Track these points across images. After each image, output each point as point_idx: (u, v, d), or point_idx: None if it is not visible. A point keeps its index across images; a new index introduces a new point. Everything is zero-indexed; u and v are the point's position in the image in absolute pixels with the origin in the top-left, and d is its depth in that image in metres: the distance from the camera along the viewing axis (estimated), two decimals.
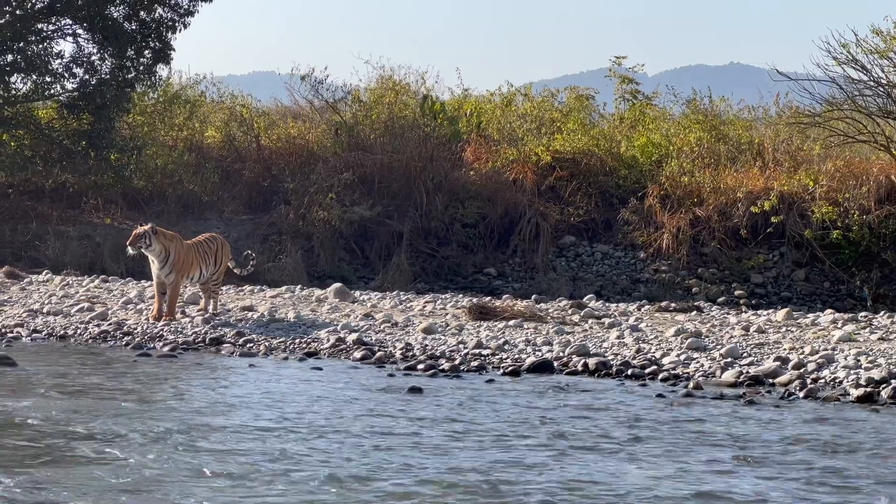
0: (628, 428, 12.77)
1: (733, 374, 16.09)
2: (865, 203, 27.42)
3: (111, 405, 13.43)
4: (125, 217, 31.68)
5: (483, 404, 14.09)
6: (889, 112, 29.82)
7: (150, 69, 31.34)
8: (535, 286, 27.97)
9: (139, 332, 19.67)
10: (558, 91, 34.74)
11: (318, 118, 34.22)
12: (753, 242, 28.37)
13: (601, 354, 17.68)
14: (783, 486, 10.40)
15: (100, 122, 30.80)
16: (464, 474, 10.47)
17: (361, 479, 10.22)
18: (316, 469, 10.51)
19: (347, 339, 18.81)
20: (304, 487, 9.93)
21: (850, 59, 29.33)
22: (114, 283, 26.14)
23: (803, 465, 11.20)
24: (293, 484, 10.02)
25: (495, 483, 10.18)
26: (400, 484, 10.10)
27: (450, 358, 17.48)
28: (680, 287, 27.85)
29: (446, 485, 10.10)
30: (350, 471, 10.47)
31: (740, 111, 33.15)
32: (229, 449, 11.21)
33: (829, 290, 27.50)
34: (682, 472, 10.78)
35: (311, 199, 30.38)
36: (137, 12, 31.21)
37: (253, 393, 14.66)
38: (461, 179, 30.91)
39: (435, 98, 33.47)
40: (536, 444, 11.85)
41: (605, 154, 31.30)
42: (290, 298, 23.98)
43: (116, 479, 9.95)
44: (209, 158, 33.50)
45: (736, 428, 12.87)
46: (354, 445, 11.55)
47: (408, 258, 29.47)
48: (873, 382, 15.21)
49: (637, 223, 29.34)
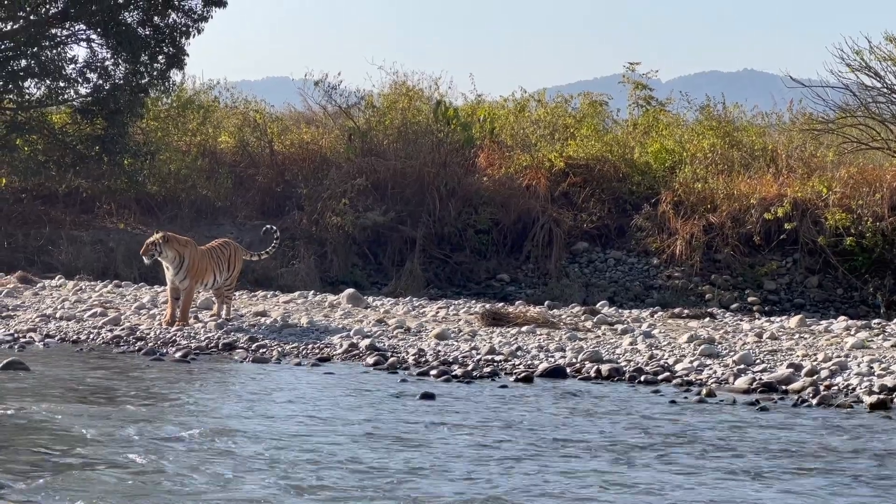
0: (641, 434, 12.76)
1: (746, 381, 16.06)
2: (879, 210, 27.38)
3: (124, 410, 13.44)
4: (138, 222, 31.76)
5: (495, 410, 14.08)
6: None
7: (164, 74, 31.42)
8: (548, 292, 27.97)
9: (152, 338, 19.69)
10: (572, 97, 34.74)
11: (331, 124, 34.25)
12: (767, 249, 28.35)
13: (614, 361, 17.66)
14: (796, 493, 10.38)
15: (113, 127, 30.87)
16: (475, 480, 10.47)
17: (372, 486, 10.22)
18: (330, 473, 10.51)
19: (360, 345, 18.81)
20: (320, 491, 9.93)
21: (863, 65, 29.36)
22: (127, 288, 26.18)
23: (816, 472, 11.18)
24: (307, 488, 10.02)
25: (507, 488, 10.17)
26: (411, 489, 10.09)
27: (462, 364, 17.47)
28: (693, 293, 27.83)
29: (456, 490, 10.10)
30: (362, 476, 10.47)
31: (754, 117, 33.16)
32: (241, 454, 11.21)
33: (842, 297, 27.47)
34: (695, 479, 10.76)
35: (325, 204, 30.42)
36: (151, 18, 31.30)
37: (265, 398, 14.66)
38: (474, 185, 30.93)
39: (448, 104, 33.49)
40: (547, 450, 11.84)
41: (618, 160, 31.31)
42: (302, 304, 23.99)
43: (130, 483, 9.96)
44: (222, 164, 33.55)
45: (749, 435, 12.84)
46: (366, 450, 11.54)
47: (421, 264, 29.48)
48: (886, 390, 15.18)
49: (650, 229, 29.33)
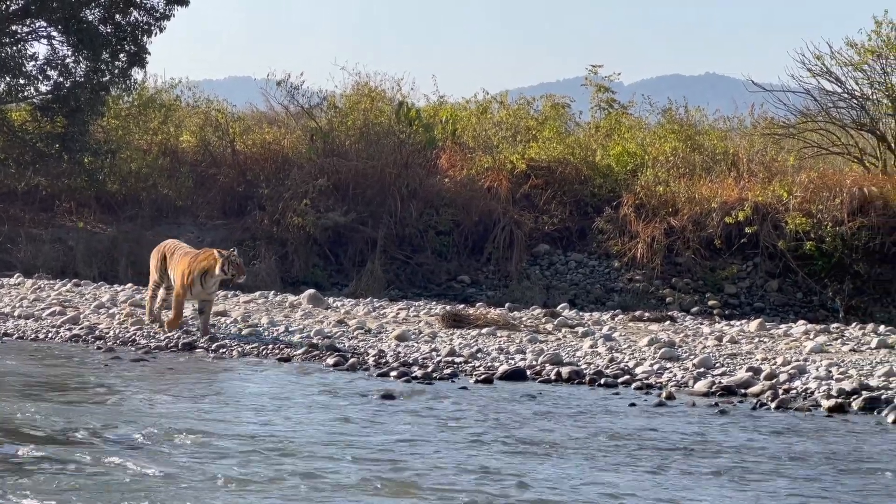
0: (600, 436, 12.77)
1: (706, 384, 16.11)
2: (838, 215, 27.50)
3: (79, 408, 13.38)
4: (98, 221, 31.58)
5: (454, 411, 14.08)
6: (862, 124, 30.00)
7: (125, 72, 31.28)
8: (509, 294, 27.97)
9: (111, 336, 19.60)
10: (534, 99, 34.72)
11: (293, 124, 34.16)
12: (727, 253, 28.42)
13: (574, 363, 17.68)
14: (753, 495, 10.42)
15: (73, 125, 30.72)
16: (430, 478, 10.45)
17: (329, 483, 10.20)
18: (283, 474, 10.48)
19: (320, 345, 18.78)
20: (273, 493, 9.90)
21: (824, 70, 29.54)
22: (86, 287, 26.02)
23: (775, 474, 11.22)
24: (259, 489, 9.99)
25: (462, 489, 10.17)
26: (365, 489, 10.08)
27: (423, 365, 17.45)
28: (654, 296, 27.88)
29: (412, 488, 10.09)
30: (318, 475, 10.45)
31: (716, 121, 33.23)
32: (197, 452, 11.17)
33: (801, 301, 27.57)
34: (655, 481, 10.78)
35: (286, 204, 30.34)
36: (113, 15, 31.14)
37: (222, 398, 14.63)
38: (436, 187, 30.91)
39: (410, 105, 33.46)
40: (504, 451, 11.84)
41: (580, 163, 31.32)
42: (263, 304, 23.93)
43: (83, 482, 9.91)
44: (184, 163, 33.39)
45: (708, 437, 12.88)
46: (324, 450, 11.52)
47: (382, 265, 29.44)
48: (844, 394, 15.25)
49: (611, 232, 29.36)
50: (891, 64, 29.06)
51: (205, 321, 19.71)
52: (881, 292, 27.21)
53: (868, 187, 27.87)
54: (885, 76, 29.21)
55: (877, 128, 29.88)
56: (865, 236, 27.30)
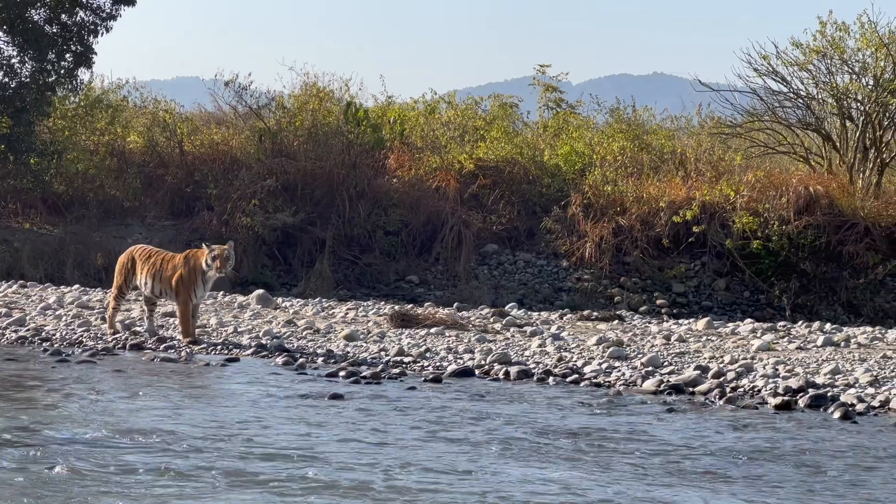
0: (549, 434, 12.80)
1: (654, 383, 16.18)
2: (785, 214, 27.70)
3: (25, 411, 13.28)
4: (45, 222, 31.36)
5: (402, 411, 14.09)
6: (808, 124, 30.23)
7: (72, 73, 31.08)
8: (458, 294, 27.99)
9: (58, 338, 19.47)
10: (482, 99, 34.78)
11: (241, 124, 34.02)
12: (675, 252, 28.55)
13: (523, 363, 17.71)
14: (703, 491, 10.47)
15: (19, 125, 30.49)
16: (375, 477, 10.46)
17: (277, 481, 10.19)
18: (232, 474, 10.46)
19: (269, 346, 18.74)
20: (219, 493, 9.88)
21: (770, 70, 29.74)
22: (32, 288, 25.82)
23: (721, 471, 11.29)
24: (206, 489, 9.96)
25: (410, 487, 10.17)
26: (310, 487, 10.08)
27: (371, 365, 17.44)
28: (602, 296, 27.97)
29: (356, 487, 10.09)
30: (267, 475, 10.43)
31: (663, 121, 33.36)
32: (145, 453, 11.12)
33: (748, 300, 27.75)
34: (604, 478, 10.82)
35: (234, 205, 30.25)
36: (59, 15, 30.95)
37: (169, 398, 14.56)
38: (384, 187, 30.89)
39: (359, 105, 33.42)
40: (451, 450, 11.86)
41: (528, 162, 31.38)
42: (212, 304, 23.83)
43: (26, 483, 9.86)
44: (131, 164, 33.21)
45: (656, 435, 12.94)
46: (273, 450, 11.50)
47: (330, 265, 29.40)
48: (791, 391, 15.38)
49: (560, 232, 29.42)
50: (835, 64, 29.30)
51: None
52: (827, 291, 27.42)
53: (814, 186, 28.09)
54: (829, 76, 29.44)
55: (822, 127, 30.12)
56: (811, 235, 27.52)
